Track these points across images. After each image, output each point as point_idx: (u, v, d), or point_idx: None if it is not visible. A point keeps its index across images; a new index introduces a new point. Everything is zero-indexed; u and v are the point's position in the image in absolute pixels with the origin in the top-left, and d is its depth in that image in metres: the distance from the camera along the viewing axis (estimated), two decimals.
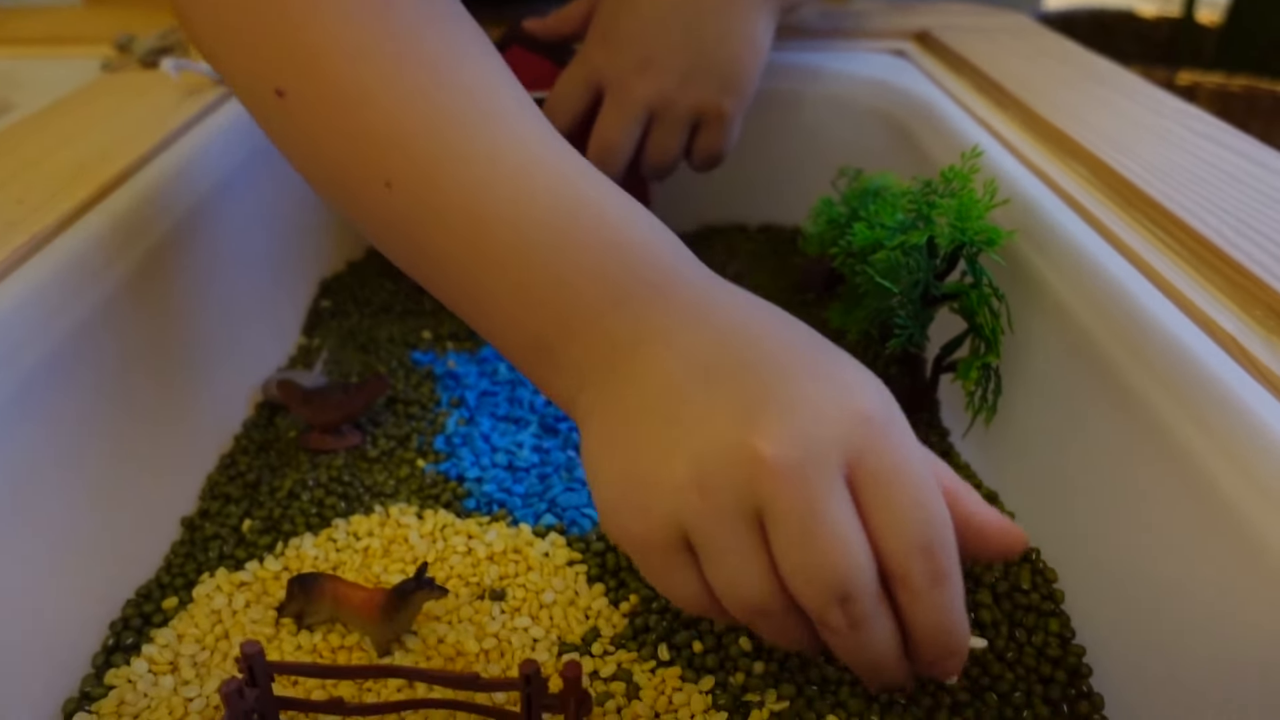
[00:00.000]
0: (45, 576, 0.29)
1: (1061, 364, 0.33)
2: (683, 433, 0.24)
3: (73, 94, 0.47)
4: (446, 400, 0.43)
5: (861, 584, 0.23)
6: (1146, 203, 0.34)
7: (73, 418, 0.31)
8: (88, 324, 0.32)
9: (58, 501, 0.30)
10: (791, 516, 0.22)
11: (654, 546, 0.24)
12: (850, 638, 0.24)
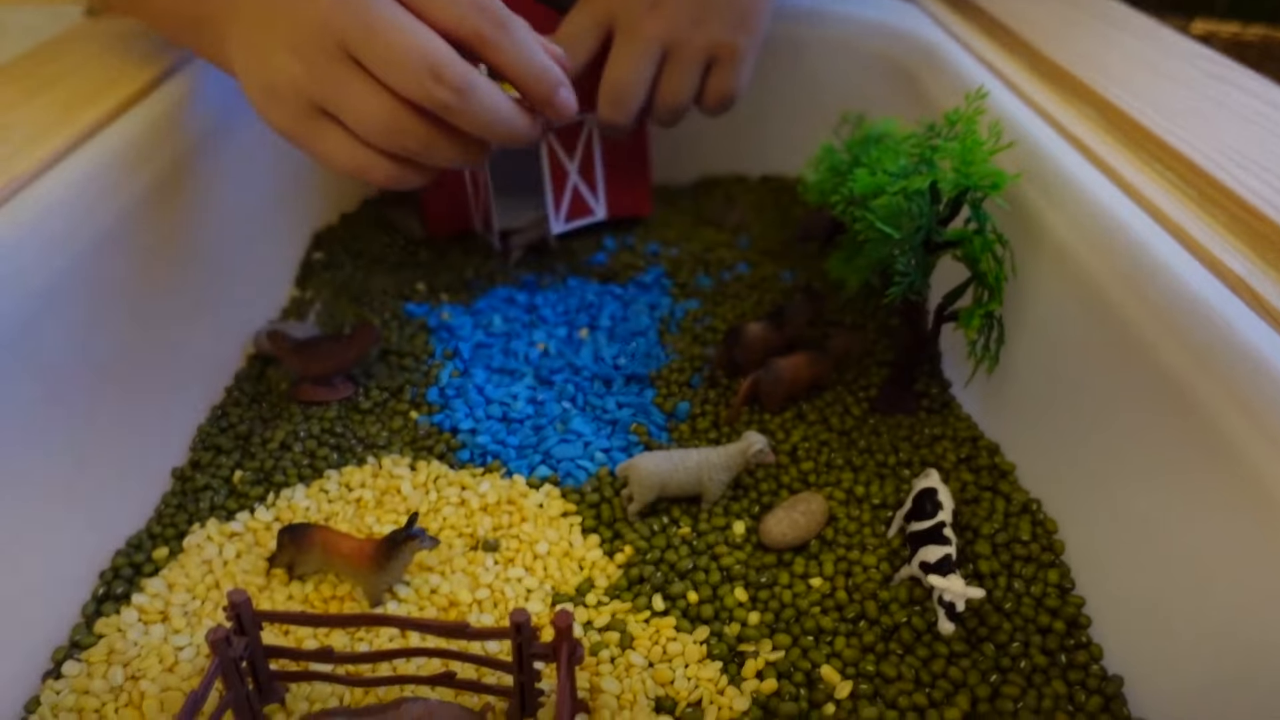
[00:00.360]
0: (33, 527, 0.29)
1: (1065, 310, 0.32)
2: (276, 33, 0.30)
3: (54, 39, 0.46)
4: (440, 352, 0.43)
5: (441, 53, 0.29)
6: (1155, 143, 0.33)
7: (61, 367, 0.30)
8: (76, 271, 0.31)
9: (44, 451, 0.29)
10: (365, 37, 0.29)
11: (299, 124, 0.31)
12: (468, 108, 0.29)
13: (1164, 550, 0.26)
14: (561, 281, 0.48)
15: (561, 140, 0.48)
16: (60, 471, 0.30)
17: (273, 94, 0.31)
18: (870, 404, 0.39)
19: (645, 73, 0.41)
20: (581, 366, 0.41)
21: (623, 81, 0.41)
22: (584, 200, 0.50)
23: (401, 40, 0.29)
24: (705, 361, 0.41)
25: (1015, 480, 0.34)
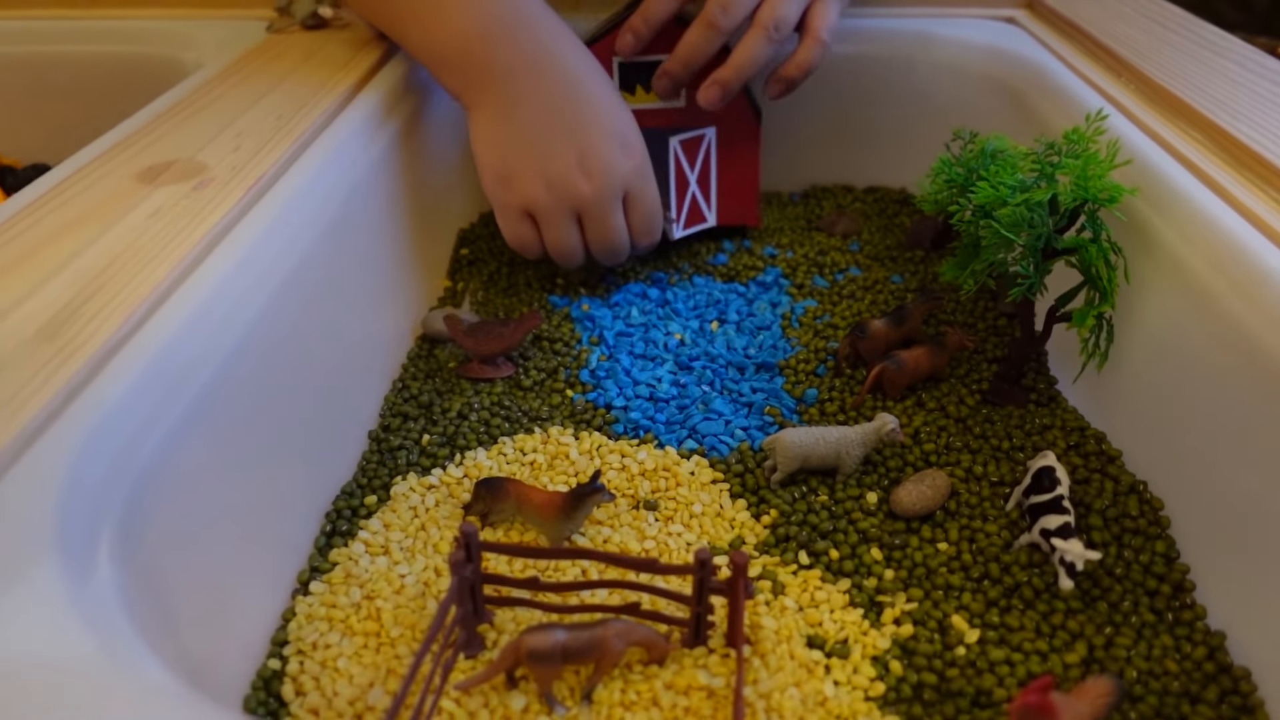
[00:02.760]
0: (272, 478, 0.34)
1: (1174, 313, 0.36)
2: (542, 157, 0.45)
3: (252, 51, 0.52)
4: (586, 339, 0.48)
5: (624, 246, 0.47)
6: (1260, 163, 0.36)
7: (286, 349, 0.35)
8: (305, 263, 0.37)
9: (276, 418, 0.35)
10: (596, 218, 0.46)
11: (511, 209, 0.46)
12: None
13: (1263, 524, 0.30)
14: (689, 280, 0.53)
15: (685, 150, 0.52)
16: (289, 434, 0.35)
17: (509, 186, 0.46)
18: (982, 395, 0.43)
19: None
20: (716, 355, 0.46)
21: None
22: (700, 208, 0.55)
23: (613, 234, 0.47)
24: (829, 353, 0.45)
25: (1122, 464, 0.38)
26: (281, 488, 0.35)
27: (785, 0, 0.47)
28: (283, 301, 0.34)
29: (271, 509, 0.34)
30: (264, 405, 0.33)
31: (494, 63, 0.45)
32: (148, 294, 0.30)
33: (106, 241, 0.33)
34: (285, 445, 0.35)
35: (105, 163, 0.39)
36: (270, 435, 0.33)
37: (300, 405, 0.36)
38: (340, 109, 0.45)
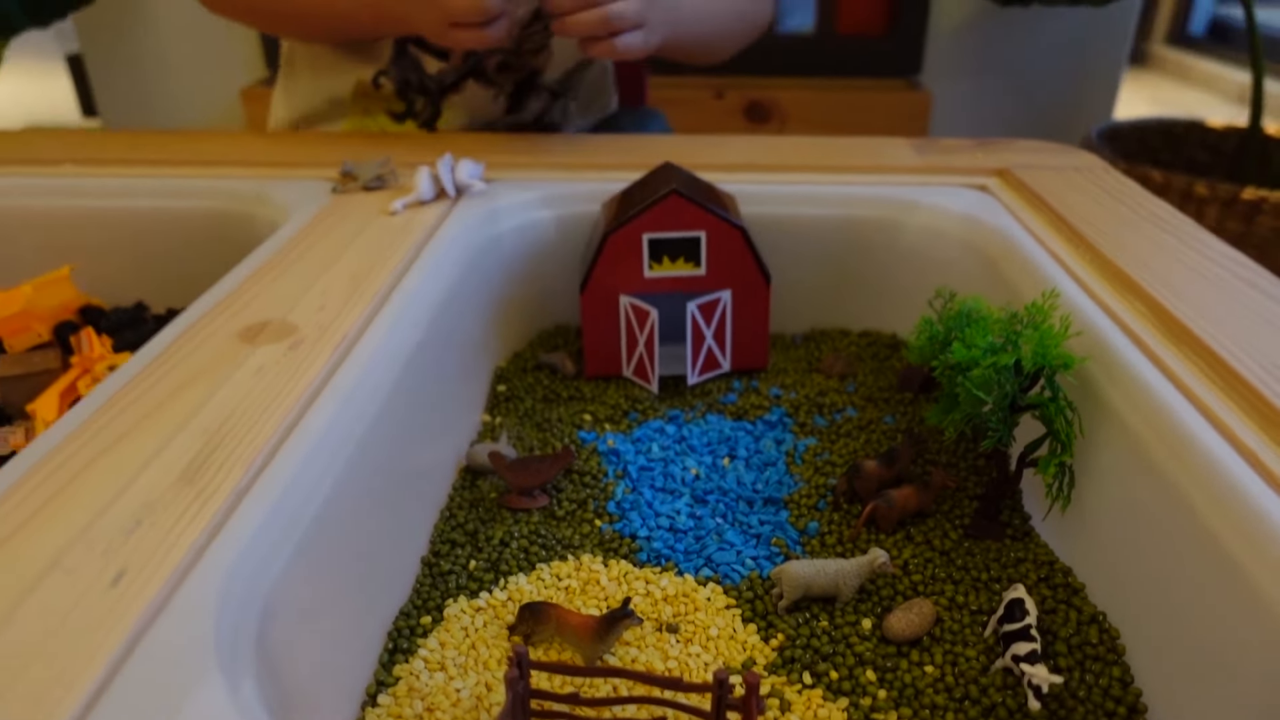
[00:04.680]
0: (349, 598, 0.39)
1: (1122, 465, 0.42)
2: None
3: (323, 213, 0.60)
4: (612, 472, 0.54)
5: None
6: (1194, 340, 0.43)
7: (366, 493, 0.41)
8: (381, 411, 0.43)
9: (356, 546, 0.40)
10: None
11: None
12: None
13: (1206, 652, 0.35)
14: (702, 417, 0.59)
15: (703, 312, 0.59)
16: (363, 559, 0.41)
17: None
18: (964, 530, 0.48)
19: None
20: (728, 489, 0.52)
21: None
22: (715, 357, 0.62)
23: None
24: (828, 490, 0.51)
25: (1085, 596, 0.43)
26: (355, 608, 0.40)
27: None
28: (367, 445, 0.41)
29: (348, 627, 0.39)
30: (349, 535, 0.38)
31: None
32: (262, 445, 0.36)
33: (221, 397, 0.39)
34: (360, 569, 0.40)
35: (209, 322, 0.46)
36: (350, 560, 0.39)
37: (373, 534, 0.41)
38: (405, 270, 0.53)
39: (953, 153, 0.72)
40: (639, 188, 0.61)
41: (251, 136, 0.81)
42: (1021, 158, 0.70)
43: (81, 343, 0.60)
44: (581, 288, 0.60)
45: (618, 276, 0.59)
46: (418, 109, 0.81)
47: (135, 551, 0.30)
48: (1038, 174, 0.67)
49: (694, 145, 0.74)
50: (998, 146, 0.73)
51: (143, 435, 0.36)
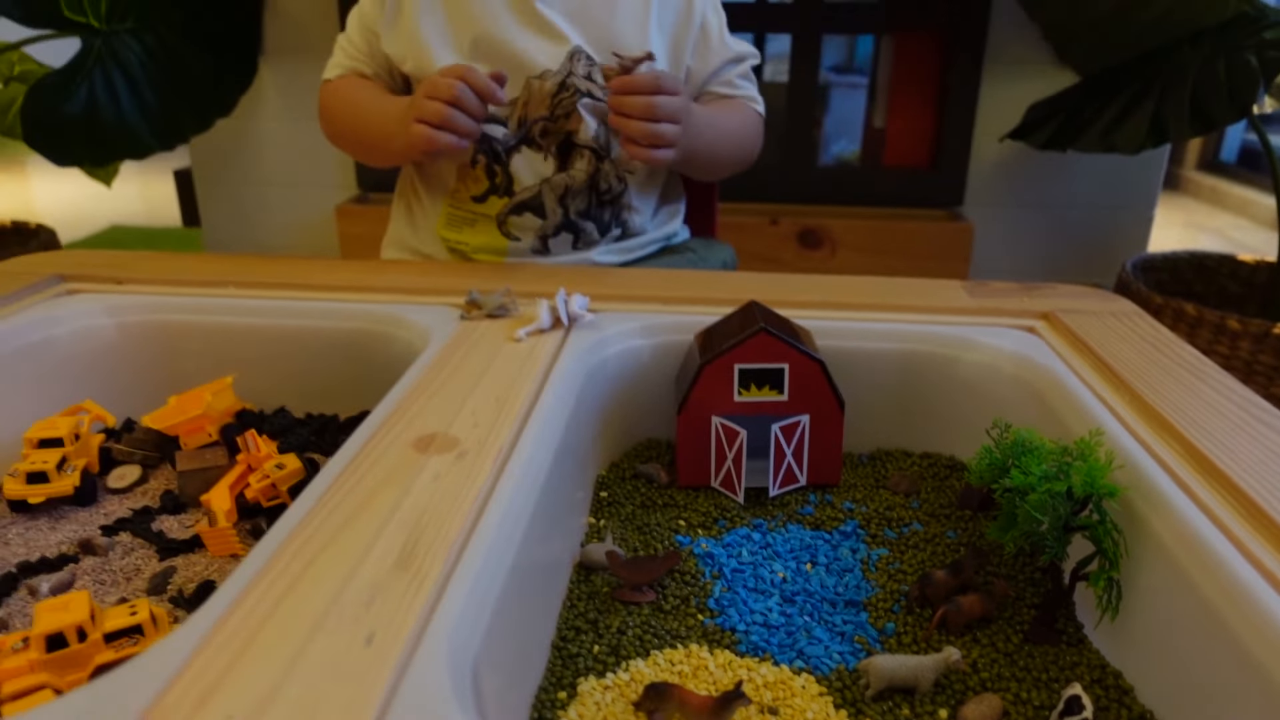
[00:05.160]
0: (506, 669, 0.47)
1: (1161, 581, 0.49)
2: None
3: (458, 337, 0.70)
4: (709, 573, 0.61)
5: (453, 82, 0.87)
6: (1220, 474, 0.50)
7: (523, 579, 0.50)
8: (534, 516, 0.52)
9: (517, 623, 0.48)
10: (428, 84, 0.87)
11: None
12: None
13: None
14: (783, 526, 0.67)
15: (784, 433, 0.68)
16: (519, 638, 0.49)
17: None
18: (1024, 635, 0.55)
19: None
20: (813, 591, 0.59)
21: None
22: (793, 473, 0.70)
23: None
24: (901, 595, 0.58)
25: (1135, 696, 0.49)
26: (513, 679, 0.48)
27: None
28: (525, 542, 0.49)
29: (511, 695, 0.47)
30: (513, 617, 0.47)
31: None
32: (454, 538, 0.45)
33: (412, 498, 0.48)
34: (516, 646, 0.48)
35: (385, 434, 0.55)
36: (513, 637, 0.47)
37: (523, 617, 0.49)
38: (538, 391, 0.62)
39: (1002, 296, 0.81)
40: (728, 322, 0.71)
41: (382, 265, 0.93)
42: (1065, 303, 0.79)
43: (248, 443, 0.70)
44: (679, 409, 0.69)
45: (711, 400, 0.68)
46: (497, 181, 0.97)
47: (377, 619, 0.39)
48: (1080, 318, 0.75)
49: (770, 282, 0.85)
50: (1043, 291, 0.82)
51: (357, 528, 0.45)
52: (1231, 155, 4.14)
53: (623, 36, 0.97)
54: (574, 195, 0.97)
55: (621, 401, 0.75)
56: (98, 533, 0.65)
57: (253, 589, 0.41)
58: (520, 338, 0.71)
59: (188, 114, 1.65)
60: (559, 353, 0.69)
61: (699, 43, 1.02)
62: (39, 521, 0.67)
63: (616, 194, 1.00)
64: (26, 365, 0.76)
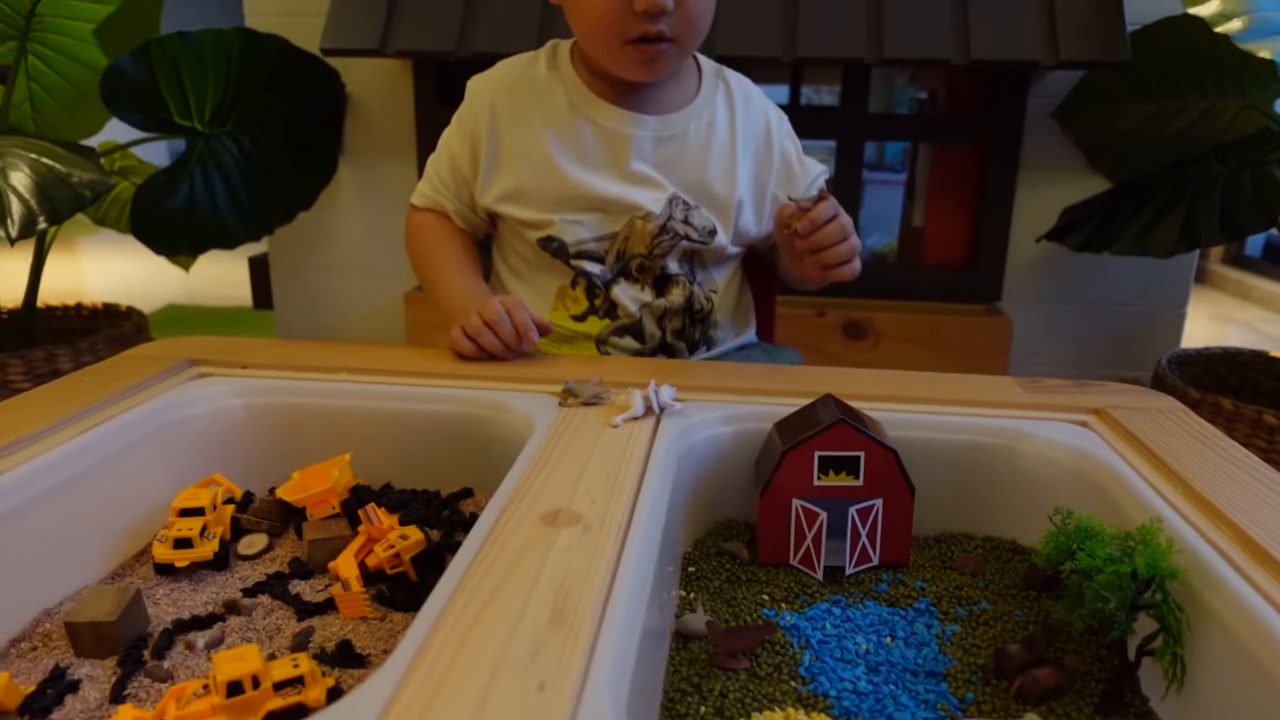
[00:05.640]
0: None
1: (1222, 655, 0.54)
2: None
3: (561, 423, 0.78)
4: (797, 643, 0.67)
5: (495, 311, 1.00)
6: (1269, 557, 0.56)
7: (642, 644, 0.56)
8: (652, 583, 0.58)
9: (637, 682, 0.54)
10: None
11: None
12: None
13: None
14: (860, 603, 0.72)
15: (860, 515, 0.74)
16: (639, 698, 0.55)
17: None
18: (1094, 707, 0.60)
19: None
20: (895, 663, 0.64)
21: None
22: (867, 552, 0.76)
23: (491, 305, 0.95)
24: (978, 667, 0.63)
25: None
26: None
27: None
28: (650, 606, 0.55)
29: None
30: (643, 674, 0.53)
31: None
32: (594, 602, 0.51)
33: (551, 566, 0.55)
34: (642, 704, 0.54)
35: (515, 509, 0.62)
36: (641, 696, 0.53)
37: (648, 676, 0.55)
38: (642, 470, 0.69)
39: (1055, 392, 0.88)
40: (806, 413, 0.78)
41: None
42: (1115, 399, 0.86)
43: (369, 515, 0.77)
44: (761, 491, 0.76)
45: (793, 484, 0.75)
46: (597, 304, 1.07)
47: (544, 669, 0.45)
48: (1130, 414, 0.82)
49: (837, 376, 0.92)
50: (1092, 389, 0.89)
51: (509, 591, 0.52)
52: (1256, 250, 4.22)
53: (714, 182, 1.05)
54: (671, 316, 1.07)
55: (706, 483, 0.82)
56: (239, 594, 0.72)
57: (429, 646, 0.47)
58: (617, 424, 0.78)
59: (274, 208, 1.78)
60: (654, 438, 0.76)
61: (781, 174, 1.10)
62: (182, 584, 0.74)
63: (706, 312, 1.10)
64: (166, 441, 0.84)
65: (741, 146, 1.07)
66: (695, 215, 1.05)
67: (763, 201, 1.10)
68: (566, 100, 1.04)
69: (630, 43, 0.94)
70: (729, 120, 1.07)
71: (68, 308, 1.94)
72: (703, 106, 1.06)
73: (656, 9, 0.91)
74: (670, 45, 0.95)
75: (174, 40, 1.57)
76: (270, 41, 1.79)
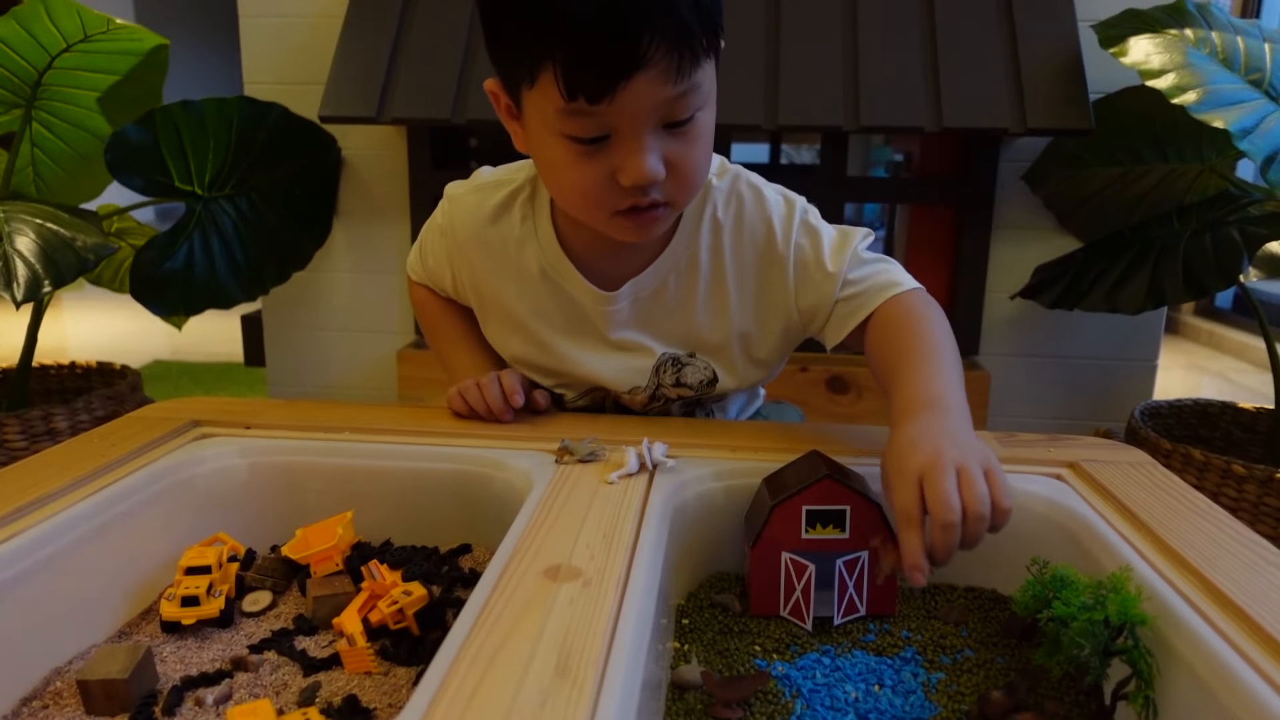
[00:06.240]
0: None
1: (1191, 697, 0.57)
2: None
3: (557, 480, 0.81)
4: (789, 692, 0.69)
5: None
6: (1233, 605, 0.60)
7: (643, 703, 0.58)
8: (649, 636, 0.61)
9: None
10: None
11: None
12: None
13: None
14: (849, 653, 0.75)
15: (846, 567, 0.77)
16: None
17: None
18: None
19: (954, 483, 0.62)
20: (884, 710, 0.67)
21: (944, 492, 0.62)
22: (854, 603, 0.79)
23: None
24: (963, 713, 0.66)
25: None
26: None
27: (978, 494, 0.63)
28: (649, 658, 0.58)
29: None
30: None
31: None
32: (598, 653, 0.54)
33: (554, 619, 0.58)
34: None
35: (517, 565, 0.65)
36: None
37: None
38: (638, 525, 0.72)
39: (1029, 446, 0.92)
40: (794, 468, 0.81)
41: None
42: (1087, 453, 0.90)
43: (372, 572, 0.79)
44: (752, 544, 0.79)
45: (782, 537, 0.78)
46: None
47: (552, 716, 0.48)
48: (1102, 468, 0.86)
49: (823, 432, 0.96)
50: (1066, 442, 0.93)
51: (516, 643, 0.55)
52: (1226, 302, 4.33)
53: (702, 329, 0.95)
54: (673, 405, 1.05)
55: (698, 537, 0.85)
56: (246, 651, 0.74)
57: (441, 696, 0.50)
58: (613, 481, 0.81)
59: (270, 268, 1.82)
60: (648, 494, 0.80)
61: (799, 280, 0.92)
62: (187, 641, 0.76)
63: (709, 398, 1.03)
64: (173, 501, 0.86)
65: (734, 275, 0.93)
66: (688, 372, 0.97)
67: (781, 319, 0.95)
68: (539, 267, 0.95)
69: (620, 213, 0.81)
70: (713, 249, 0.93)
71: (61, 366, 1.96)
72: (680, 248, 0.93)
73: (646, 183, 0.76)
74: (665, 209, 0.81)
75: (178, 109, 1.62)
76: (270, 109, 1.85)
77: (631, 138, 0.74)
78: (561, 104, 0.72)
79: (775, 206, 0.93)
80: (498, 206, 0.96)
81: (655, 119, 0.74)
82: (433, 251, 1.04)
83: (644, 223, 0.82)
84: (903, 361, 0.82)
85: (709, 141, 0.81)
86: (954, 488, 0.63)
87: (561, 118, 0.74)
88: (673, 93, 0.72)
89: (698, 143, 0.78)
